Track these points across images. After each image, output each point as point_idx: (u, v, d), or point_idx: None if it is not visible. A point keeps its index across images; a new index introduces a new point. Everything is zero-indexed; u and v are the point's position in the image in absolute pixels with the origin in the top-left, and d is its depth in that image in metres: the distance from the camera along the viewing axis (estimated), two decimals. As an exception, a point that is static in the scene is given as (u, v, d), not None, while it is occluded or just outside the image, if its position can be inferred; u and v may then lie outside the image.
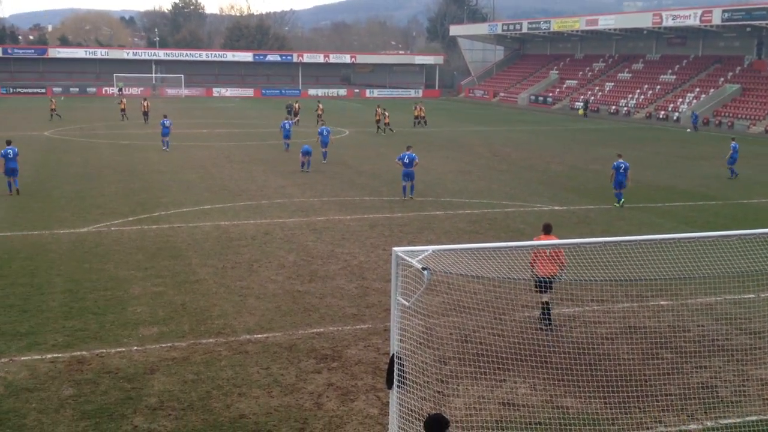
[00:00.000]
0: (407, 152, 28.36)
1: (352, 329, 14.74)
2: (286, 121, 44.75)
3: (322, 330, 14.66)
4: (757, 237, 11.26)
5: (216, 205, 26.73)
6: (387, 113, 54.21)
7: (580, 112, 76.69)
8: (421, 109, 61.30)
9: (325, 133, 38.52)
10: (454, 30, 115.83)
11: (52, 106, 60.29)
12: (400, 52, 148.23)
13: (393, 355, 9.63)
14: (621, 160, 27.71)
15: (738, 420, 11.20)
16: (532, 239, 16.27)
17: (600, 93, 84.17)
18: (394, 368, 9.62)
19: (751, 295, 14.74)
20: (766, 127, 61.43)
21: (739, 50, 75.44)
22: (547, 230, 14.99)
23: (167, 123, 41.92)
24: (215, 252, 20.28)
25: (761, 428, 11.02)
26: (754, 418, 11.30)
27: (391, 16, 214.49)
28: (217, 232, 22.63)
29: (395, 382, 9.66)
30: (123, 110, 61.48)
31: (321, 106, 60.45)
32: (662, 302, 15.97)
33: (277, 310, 15.76)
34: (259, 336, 14.27)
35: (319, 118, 56.49)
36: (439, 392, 11.53)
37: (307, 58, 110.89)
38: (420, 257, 9.32)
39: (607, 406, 11.40)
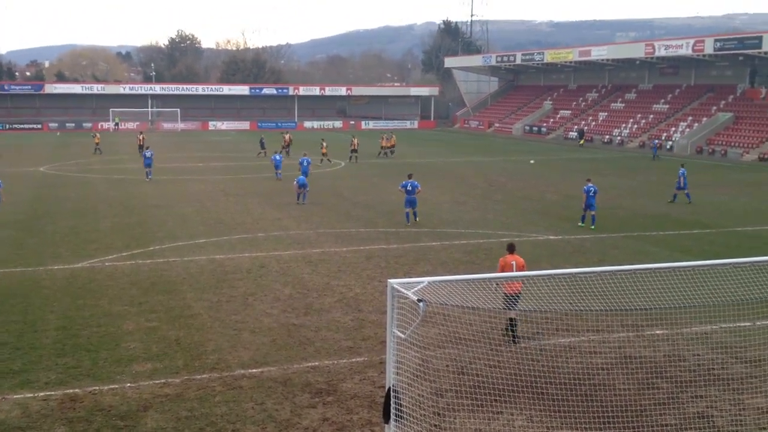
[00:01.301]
0: (409, 180, 29.39)
1: (347, 362, 14.65)
2: (276, 154, 46.46)
3: (317, 364, 14.57)
4: (752, 265, 11.27)
5: (211, 238, 26.70)
6: (325, 144, 54.89)
7: (581, 142, 77.05)
8: (387, 139, 60.99)
9: (305, 163, 39.78)
10: (449, 62, 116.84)
11: None
12: (396, 84, 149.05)
13: (389, 388, 9.57)
14: (591, 185, 29.28)
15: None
16: (498, 260, 16.96)
17: (594, 123, 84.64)
18: (391, 402, 9.56)
19: (746, 323, 14.69)
20: (759, 155, 61.71)
21: (732, 79, 76.00)
22: (511, 249, 16.08)
23: (148, 154, 45.14)
24: (210, 286, 20.21)
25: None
26: (752, 447, 11.23)
27: (386, 48, 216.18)
28: (212, 265, 22.58)
29: (392, 416, 9.59)
30: (97, 144, 62.84)
31: (289, 136, 62.31)
32: (658, 331, 15.92)
33: (272, 344, 15.67)
34: (254, 371, 14.17)
35: (284, 147, 58.92)
36: (435, 425, 11.41)
37: (303, 90, 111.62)
38: (415, 289, 9.31)
39: (605, 437, 11.31)
